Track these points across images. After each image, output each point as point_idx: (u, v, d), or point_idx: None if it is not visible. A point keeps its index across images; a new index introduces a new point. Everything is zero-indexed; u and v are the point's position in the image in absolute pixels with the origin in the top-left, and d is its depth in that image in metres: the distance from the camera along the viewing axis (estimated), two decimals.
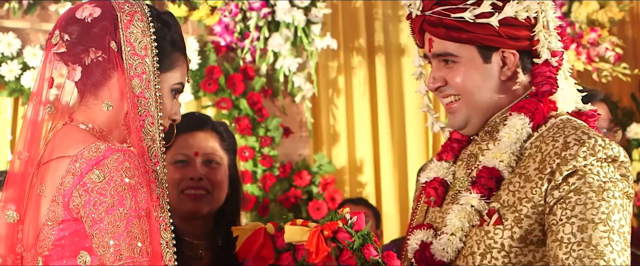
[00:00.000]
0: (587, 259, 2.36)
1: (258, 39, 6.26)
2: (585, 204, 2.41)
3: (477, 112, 2.61)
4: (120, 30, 2.45)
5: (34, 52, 5.78)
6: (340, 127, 6.74)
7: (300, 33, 6.30)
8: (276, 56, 6.30)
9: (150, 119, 2.44)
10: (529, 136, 2.56)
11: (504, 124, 2.58)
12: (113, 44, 2.44)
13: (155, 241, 2.33)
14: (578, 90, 2.71)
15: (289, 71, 6.32)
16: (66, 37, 2.47)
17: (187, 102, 6.02)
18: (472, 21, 2.54)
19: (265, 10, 6.23)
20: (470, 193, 2.54)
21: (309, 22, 6.33)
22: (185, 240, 3.04)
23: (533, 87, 2.60)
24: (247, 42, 6.26)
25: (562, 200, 2.43)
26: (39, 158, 2.45)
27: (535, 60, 2.59)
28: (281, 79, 6.32)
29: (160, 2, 6.18)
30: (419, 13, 2.62)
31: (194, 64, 6.12)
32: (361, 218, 2.48)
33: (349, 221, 2.47)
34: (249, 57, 6.27)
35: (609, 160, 2.45)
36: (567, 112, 2.65)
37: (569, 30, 6.63)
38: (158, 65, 2.46)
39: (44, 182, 2.40)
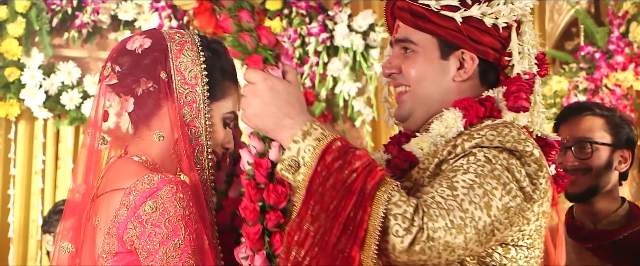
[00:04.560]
0: (439, 187, 2.24)
1: (317, 64, 6.28)
2: (467, 160, 2.31)
3: (421, 107, 2.56)
4: (170, 59, 2.47)
5: (94, 81, 5.85)
6: None
7: (359, 57, 6.31)
8: (335, 80, 6.31)
9: (200, 148, 2.46)
10: (461, 134, 2.46)
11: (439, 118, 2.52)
12: (163, 74, 2.45)
13: None
14: None
15: (349, 95, 6.34)
16: (117, 68, 2.50)
17: None
18: (436, 10, 2.52)
19: (324, 35, 6.25)
20: None
21: (367, 47, 6.34)
22: None
23: (502, 103, 2.52)
24: (306, 68, 6.28)
25: (451, 161, 2.36)
26: (95, 190, 2.46)
27: (509, 70, 2.55)
28: (341, 103, 6.34)
29: None
30: None
31: None
32: None
33: None
34: (308, 83, 6.29)
35: (516, 154, 2.34)
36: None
37: (627, 50, 6.57)
38: (208, 94, 2.47)
39: (99, 214, 2.41)
